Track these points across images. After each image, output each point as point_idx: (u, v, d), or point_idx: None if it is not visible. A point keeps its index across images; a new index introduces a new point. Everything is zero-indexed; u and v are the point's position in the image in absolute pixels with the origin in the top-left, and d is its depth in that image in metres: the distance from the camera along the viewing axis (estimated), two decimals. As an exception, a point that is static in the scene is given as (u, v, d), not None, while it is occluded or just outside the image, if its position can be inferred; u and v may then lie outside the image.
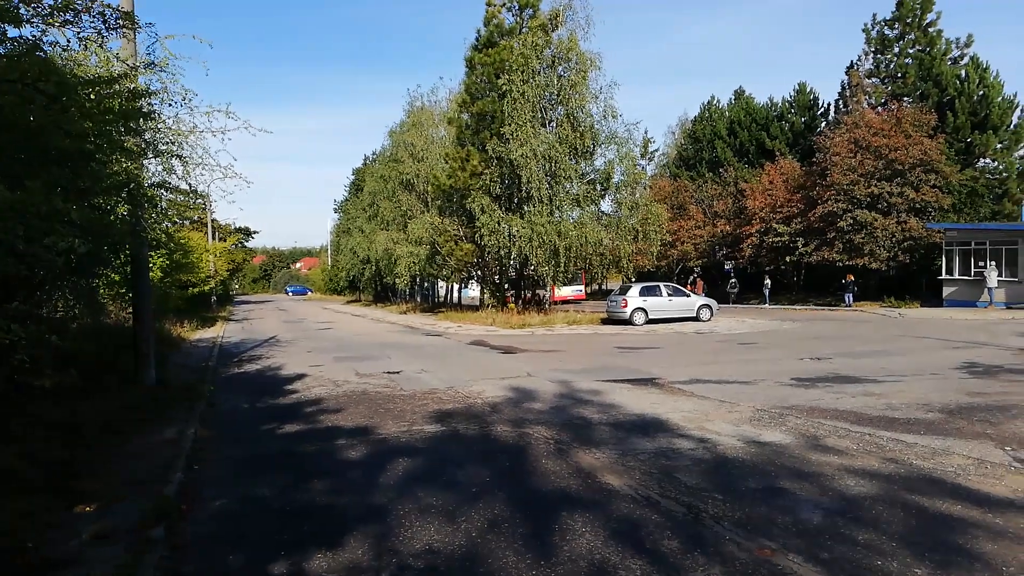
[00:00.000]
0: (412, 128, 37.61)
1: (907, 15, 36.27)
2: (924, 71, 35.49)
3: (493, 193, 27.14)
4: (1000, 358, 13.61)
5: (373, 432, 8.36)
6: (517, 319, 26.10)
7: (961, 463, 6.41)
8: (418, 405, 10.04)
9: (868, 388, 10.57)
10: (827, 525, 4.95)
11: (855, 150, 31.79)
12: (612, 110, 27.15)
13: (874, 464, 6.43)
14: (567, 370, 13.55)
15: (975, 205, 33.28)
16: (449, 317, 31.37)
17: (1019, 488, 5.66)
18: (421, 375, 13.31)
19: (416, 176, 36.22)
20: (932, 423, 8.06)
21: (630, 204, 27.83)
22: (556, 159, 25.84)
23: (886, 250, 31.30)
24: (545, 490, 5.95)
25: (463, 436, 8.07)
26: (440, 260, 31.02)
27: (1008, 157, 34.12)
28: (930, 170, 31.01)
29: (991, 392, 9.94)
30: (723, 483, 5.99)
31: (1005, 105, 33.82)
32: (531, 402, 10.11)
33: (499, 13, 28.14)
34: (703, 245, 41.74)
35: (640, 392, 10.76)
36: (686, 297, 26.53)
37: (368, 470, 6.74)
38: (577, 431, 8.13)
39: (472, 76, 28.54)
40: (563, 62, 27.02)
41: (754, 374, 12.35)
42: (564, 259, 25.99)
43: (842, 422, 8.21)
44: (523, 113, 25.71)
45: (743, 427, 8.10)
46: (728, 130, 45.86)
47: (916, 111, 32.39)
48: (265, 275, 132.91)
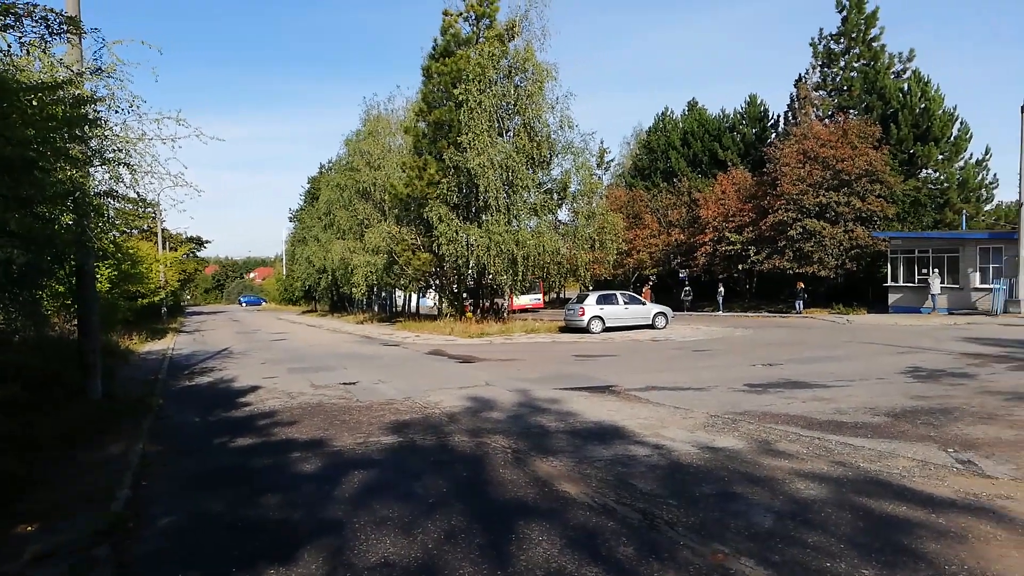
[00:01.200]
0: (369, 137, 37.39)
1: (852, 30, 37.45)
2: (869, 84, 36.66)
3: (451, 202, 27.11)
4: (942, 362, 14.09)
5: (328, 444, 8.25)
6: (475, 328, 26.07)
7: (906, 465, 6.61)
8: (374, 416, 9.95)
9: (818, 393, 10.83)
10: (778, 528, 5.05)
11: (804, 161, 32.62)
12: (568, 120, 27.43)
13: (823, 467, 6.59)
14: (525, 379, 13.58)
15: (918, 214, 34.45)
16: (407, 327, 31.19)
17: (961, 489, 5.85)
18: (378, 386, 13.19)
19: (373, 185, 35.98)
20: (878, 426, 8.30)
21: (587, 213, 28.08)
22: (513, 168, 25.95)
23: (834, 258, 32.14)
24: (502, 500, 5.95)
25: (420, 447, 8.02)
26: (398, 269, 30.83)
27: (949, 168, 35.43)
28: (875, 180, 31.98)
29: (934, 396, 10.28)
30: (678, 489, 6.07)
31: (945, 118, 35.12)
32: (489, 411, 10.11)
33: (456, 23, 28.21)
34: (658, 254, 42.29)
35: (597, 400, 10.84)
36: (642, 305, 26.85)
37: (323, 483, 6.65)
38: (535, 440, 8.15)
39: (429, 85, 28.52)
40: (520, 72, 27.18)
41: (708, 381, 12.55)
42: (522, 268, 26.08)
43: (793, 426, 8.40)
44: (480, 122, 25.77)
45: (697, 433, 8.22)
46: (682, 140, 46.65)
47: (862, 123, 33.41)
48: (218, 285, 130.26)
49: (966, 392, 10.47)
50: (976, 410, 9.05)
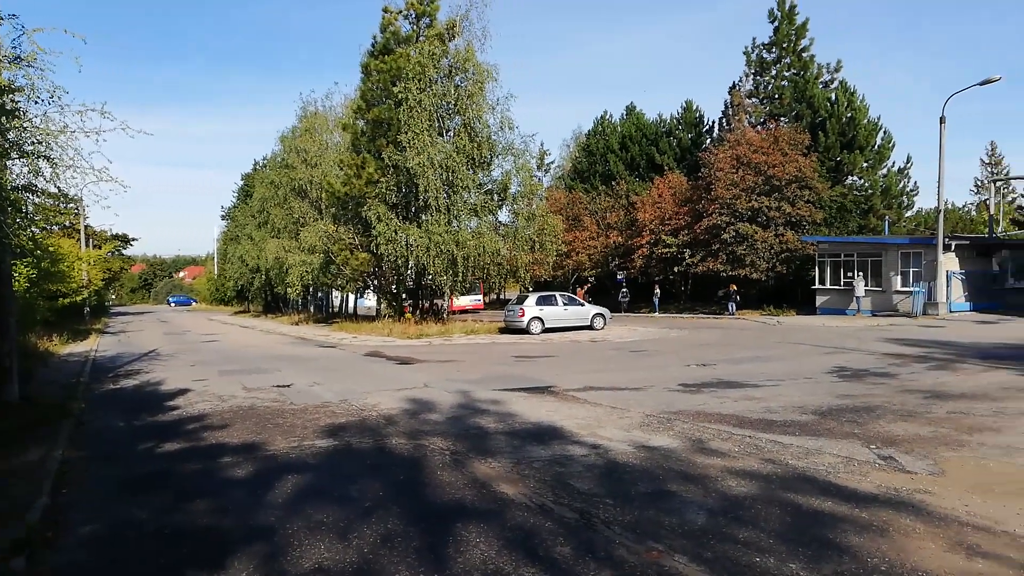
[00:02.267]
0: (305, 133, 36.68)
1: (783, 40, 38.70)
2: (798, 93, 37.94)
3: (390, 201, 26.83)
4: (866, 362, 14.68)
5: (261, 448, 8.04)
6: (415, 329, 25.87)
7: (832, 462, 6.84)
8: (309, 419, 9.74)
9: (749, 392, 11.13)
10: (711, 525, 5.16)
11: (737, 166, 33.52)
12: (509, 122, 27.49)
13: (754, 465, 6.77)
14: (465, 380, 13.54)
15: (844, 219, 35.82)
16: (344, 328, 30.72)
17: (882, 483, 6.10)
18: (313, 388, 12.93)
19: (309, 183, 35.31)
20: (806, 424, 8.58)
21: (527, 215, 28.20)
22: (454, 168, 25.85)
23: (765, 261, 33.13)
24: (440, 502, 5.90)
25: (356, 450, 7.89)
26: (335, 269, 30.35)
27: (873, 175, 36.99)
28: (804, 186, 33.10)
29: (858, 394, 10.69)
30: (614, 488, 6.14)
31: (870, 127, 36.65)
32: (428, 413, 10.03)
33: (396, 20, 27.95)
34: (597, 256, 42.80)
35: (536, 400, 10.89)
36: (581, 306, 27.12)
37: (255, 488, 6.47)
38: (474, 441, 8.13)
39: (368, 83, 28.16)
40: (460, 72, 27.10)
41: (644, 381, 12.75)
42: (462, 269, 26.00)
43: (725, 425, 8.60)
44: (420, 121, 25.59)
45: (633, 432, 8.33)
46: (620, 144, 47.33)
47: (792, 131, 34.54)
48: (145, 285, 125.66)
49: (888, 391, 10.92)
50: (897, 408, 9.45)
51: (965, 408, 9.31)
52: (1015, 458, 6.83)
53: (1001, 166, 60.12)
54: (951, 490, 5.86)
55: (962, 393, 10.50)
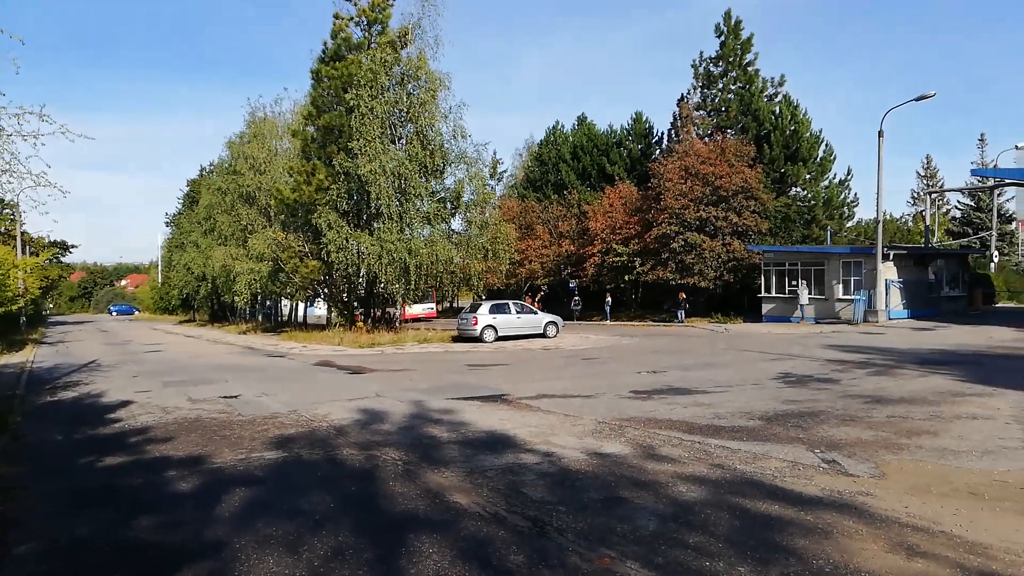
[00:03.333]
0: (254, 139, 36.03)
1: (729, 54, 39.63)
2: (744, 106, 38.89)
3: (340, 209, 26.55)
4: (810, 368, 15.08)
5: (207, 461, 7.84)
6: (366, 338, 25.59)
7: (778, 466, 7.00)
8: (257, 431, 9.54)
9: (698, 399, 11.33)
10: (662, 531, 5.22)
11: (685, 177, 34.13)
12: (462, 130, 27.52)
13: (703, 470, 6.89)
14: (417, 389, 13.45)
15: (788, 229, 36.80)
16: (293, 337, 30.20)
17: (827, 487, 6.26)
18: (261, 399, 12.67)
19: (258, 189, 34.68)
20: (753, 430, 8.77)
21: (480, 223, 28.22)
22: (406, 176, 25.72)
23: (713, 270, 33.79)
24: (392, 513, 5.84)
25: (306, 462, 7.76)
26: (284, 277, 29.84)
27: (815, 187, 38.11)
28: (750, 197, 33.90)
29: (803, 400, 10.98)
30: (567, 495, 6.17)
31: (812, 140, 37.78)
32: (380, 423, 9.92)
33: (347, 27, 27.73)
34: (549, 264, 43.04)
35: (489, 409, 10.87)
36: (534, 315, 27.24)
37: (202, 502, 6.30)
38: (426, 451, 8.07)
39: (319, 89, 27.86)
40: (412, 80, 27.03)
41: (596, 388, 12.86)
42: (415, 277, 25.87)
43: (675, 431, 8.73)
44: (372, 129, 25.41)
45: (586, 440, 8.39)
46: (572, 154, 47.76)
47: (738, 142, 35.36)
48: (85, 293, 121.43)
49: (831, 396, 11.24)
50: (840, 413, 9.74)
51: (904, 412, 9.64)
52: (950, 460, 7.10)
53: (936, 179, 62.66)
54: (891, 492, 6.05)
55: (901, 398, 10.87)
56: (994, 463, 6.93)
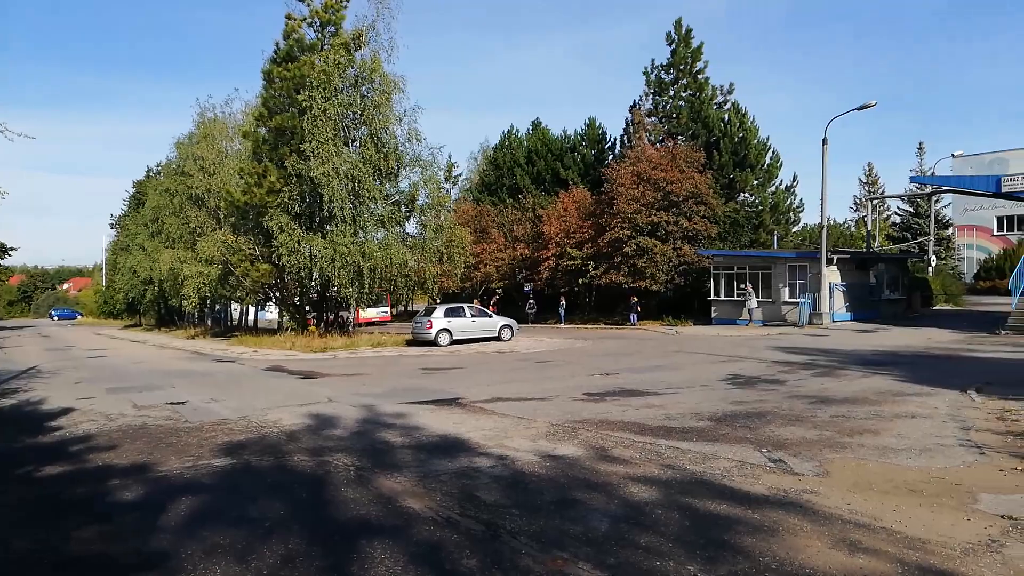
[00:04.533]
0: (203, 140, 35.25)
1: (680, 62, 40.30)
2: (694, 113, 39.58)
3: (292, 211, 26.15)
4: (758, 370, 15.43)
5: (153, 469, 7.64)
6: (318, 343, 25.25)
7: (726, 466, 7.16)
8: (205, 438, 9.33)
9: (649, 400, 11.49)
10: (614, 532, 5.29)
11: (638, 182, 34.55)
12: (416, 133, 27.38)
13: (654, 471, 6.99)
14: (371, 394, 13.33)
15: (737, 234, 37.56)
16: (244, 341, 29.62)
17: (773, 486, 6.42)
18: (210, 405, 12.40)
19: (207, 191, 33.94)
20: (703, 430, 8.93)
21: (435, 226, 28.12)
22: (360, 179, 25.48)
23: (665, 273, 34.28)
24: (344, 519, 5.78)
25: (256, 468, 7.63)
26: (234, 281, 29.23)
27: (763, 193, 39.01)
28: (700, 202, 34.50)
29: (750, 400, 11.23)
30: (520, 498, 6.19)
31: (760, 147, 38.67)
32: (332, 429, 9.81)
33: (299, 28, 27.34)
34: (504, 268, 43.10)
35: (443, 413, 10.85)
36: (489, 318, 27.25)
37: (147, 512, 6.14)
38: (379, 456, 8.01)
39: (270, 90, 27.40)
40: (367, 82, 26.81)
41: (550, 391, 12.94)
42: (369, 280, 25.63)
43: (627, 433, 8.84)
44: (325, 131, 25.11)
45: (540, 442, 8.44)
46: (526, 159, 47.95)
47: (688, 149, 35.96)
48: (25, 297, 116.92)
49: (777, 397, 11.53)
50: (786, 413, 9.99)
51: (846, 412, 9.94)
52: (891, 458, 7.35)
53: (877, 185, 64.70)
54: (835, 490, 6.24)
55: (844, 398, 11.21)
56: (931, 461, 7.20)
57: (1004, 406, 9.96)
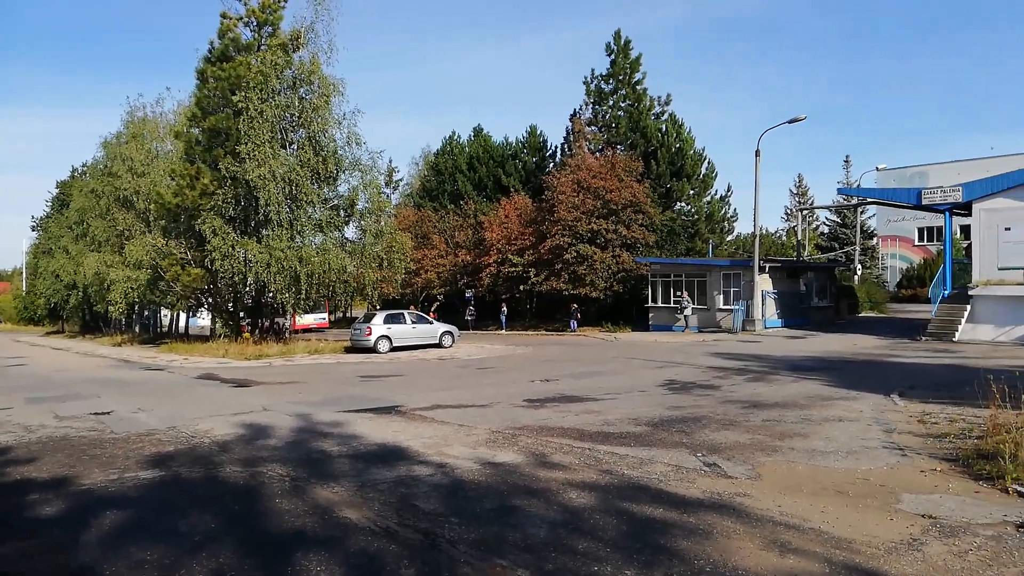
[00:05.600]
0: (133, 140, 34.12)
1: (619, 73, 40.99)
2: (633, 123, 40.30)
3: (227, 214, 25.49)
4: (693, 375, 15.77)
5: (75, 483, 7.30)
6: (253, 350, 24.63)
7: (663, 470, 7.27)
8: (132, 449, 8.97)
9: (589, 406, 11.60)
10: (552, 538, 5.30)
11: (578, 190, 34.94)
12: (356, 137, 27.13)
13: (593, 476, 7.05)
14: (307, 402, 13.07)
15: (674, 242, 38.37)
16: (174, 349, 28.63)
17: (708, 489, 6.56)
18: (137, 415, 11.94)
19: (136, 193, 32.82)
20: (640, 435, 9.06)
21: (375, 231, 27.84)
22: (297, 182, 25.04)
23: (604, 280, 34.72)
24: (278, 531, 5.64)
25: (185, 480, 7.37)
26: (164, 286, 28.27)
27: (698, 202, 39.98)
28: (638, 211, 35.11)
29: (686, 405, 11.46)
30: (460, 506, 6.16)
31: (696, 157, 39.63)
32: (266, 438, 9.56)
33: (235, 27, 26.73)
34: (446, 274, 42.95)
35: (382, 421, 10.71)
36: (429, 324, 27.07)
37: (69, 527, 5.86)
38: (315, 466, 7.85)
39: (204, 89, 26.69)
40: (305, 84, 26.40)
41: (491, 397, 12.93)
42: (306, 286, 25.17)
43: (566, 439, 8.90)
44: (261, 133, 24.58)
45: (479, 449, 8.41)
46: (468, 165, 47.96)
47: (627, 158, 36.57)
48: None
49: (712, 402, 11.80)
50: (720, 418, 10.23)
51: (777, 416, 10.24)
52: (819, 461, 7.60)
53: (807, 196, 67.06)
54: (766, 492, 6.41)
55: (775, 402, 11.55)
56: (857, 463, 7.47)
57: (924, 409, 10.43)
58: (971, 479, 6.73)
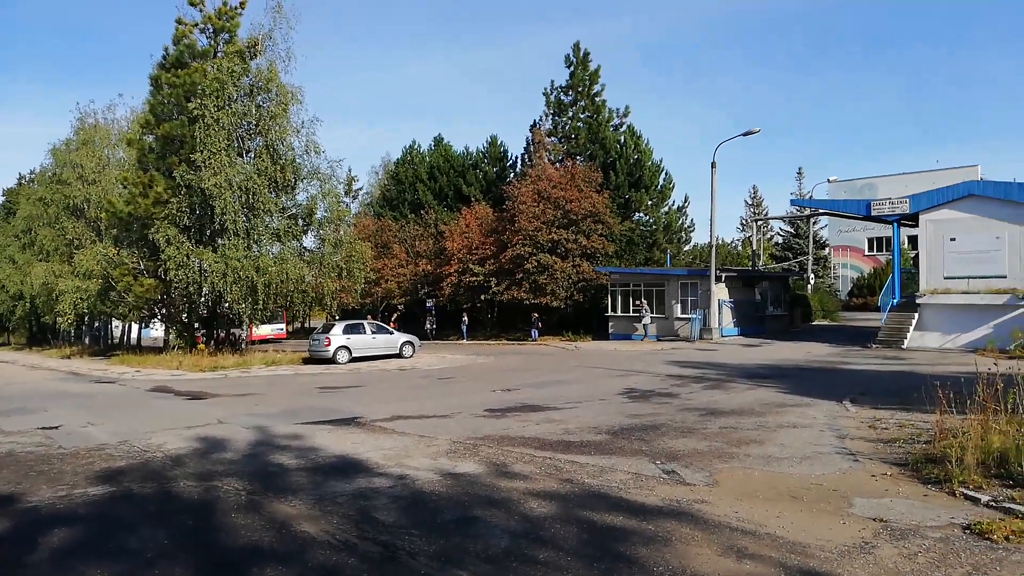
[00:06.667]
0: (83, 147, 33.31)
1: (578, 84, 41.39)
2: (592, 134, 40.69)
3: (181, 224, 24.99)
4: (652, 384, 15.94)
5: (21, 500, 7.05)
6: (208, 361, 24.13)
7: (623, 478, 7.33)
8: (81, 464, 8.71)
9: (549, 415, 11.64)
10: (513, 548, 5.31)
11: (538, 200, 35.12)
12: (315, 145, 26.89)
13: (553, 486, 7.08)
14: (264, 414, 12.85)
15: (633, 252, 38.77)
16: (126, 361, 27.88)
17: (667, 496, 6.63)
18: (87, 429, 11.59)
19: (87, 201, 32.03)
20: (600, 444, 9.13)
21: (334, 241, 27.58)
22: (254, 191, 24.68)
23: (564, 290, 34.92)
24: (235, 547, 5.53)
25: (137, 496, 7.18)
26: (116, 296, 27.54)
27: (656, 213, 40.50)
28: (598, 221, 35.42)
29: (645, 414, 11.57)
30: (420, 518, 6.12)
31: (654, 168, 40.17)
32: (221, 452, 9.37)
33: (191, 33, 26.31)
34: (406, 283, 42.69)
35: (341, 433, 10.59)
36: (390, 335, 26.86)
37: (15, 546, 5.67)
38: (272, 479, 7.72)
39: (158, 96, 26.20)
40: (263, 92, 26.08)
41: (452, 407, 12.88)
42: (263, 296, 24.77)
43: (527, 448, 8.92)
44: (217, 140, 24.19)
45: (440, 460, 8.38)
46: (428, 174, 47.84)
47: (587, 169, 36.89)
48: None
49: (671, 410, 11.94)
50: (678, 425, 10.36)
51: (734, 423, 10.41)
52: (774, 467, 7.75)
53: (762, 207, 68.49)
54: (723, 499, 6.51)
55: (732, 410, 11.74)
56: (811, 468, 7.64)
57: (875, 415, 10.71)
58: (920, 483, 6.93)
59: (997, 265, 23.26)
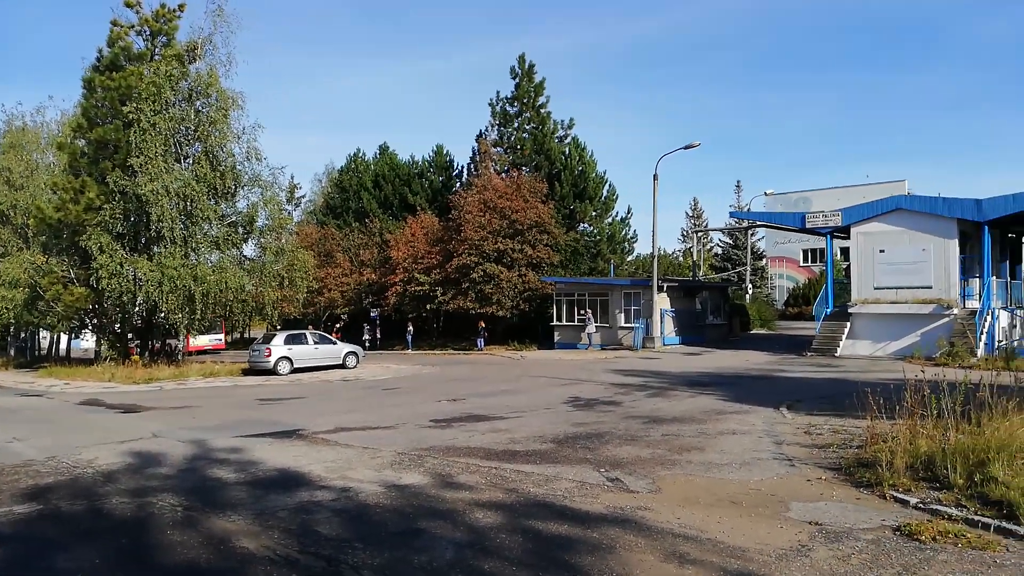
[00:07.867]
0: (10, 150, 31.92)
1: (523, 96, 41.72)
2: (537, 145, 41.04)
3: (115, 231, 24.13)
4: (596, 392, 16.11)
5: (-64, 522, 6.68)
6: (142, 373, 23.31)
7: (567, 487, 7.39)
8: (5, 482, 8.30)
9: (495, 425, 11.65)
10: (459, 559, 5.29)
11: (484, 210, 35.20)
12: (256, 152, 26.36)
13: (499, 496, 7.08)
14: (201, 427, 12.48)
15: (577, 262, 39.17)
16: (54, 373, 26.70)
17: (611, 504, 6.71)
18: (12, 445, 11.06)
19: (13, 207, 30.66)
20: (546, 453, 9.18)
21: (275, 249, 27.06)
22: (192, 198, 24.03)
23: (510, 299, 35.03)
24: (170, 565, 5.35)
25: (66, 514, 6.89)
26: (43, 306, 26.37)
27: (600, 223, 41.06)
28: (543, 231, 35.71)
29: (590, 422, 11.69)
30: (364, 531, 6.04)
31: (598, 180, 40.73)
32: (156, 467, 9.07)
33: (126, 35, 25.51)
34: (350, 293, 42.16)
35: (282, 446, 10.37)
36: (333, 345, 26.47)
37: (-74, 572, 5.36)
38: (210, 494, 7.51)
39: (92, 99, 25.30)
40: (202, 97, 25.46)
41: (396, 418, 12.76)
42: (201, 306, 24.07)
43: (473, 458, 8.90)
44: (154, 145, 23.48)
45: (384, 472, 8.29)
46: (373, 183, 47.41)
47: (532, 179, 37.19)
48: None
49: (614, 418, 12.09)
50: (622, 433, 10.49)
51: (676, 431, 10.61)
52: (715, 473, 7.92)
53: (702, 219, 70.05)
54: (666, 505, 6.63)
55: (674, 417, 11.96)
56: (750, 474, 7.84)
57: (810, 421, 11.07)
58: (853, 486, 7.19)
59: (924, 276, 24.34)
